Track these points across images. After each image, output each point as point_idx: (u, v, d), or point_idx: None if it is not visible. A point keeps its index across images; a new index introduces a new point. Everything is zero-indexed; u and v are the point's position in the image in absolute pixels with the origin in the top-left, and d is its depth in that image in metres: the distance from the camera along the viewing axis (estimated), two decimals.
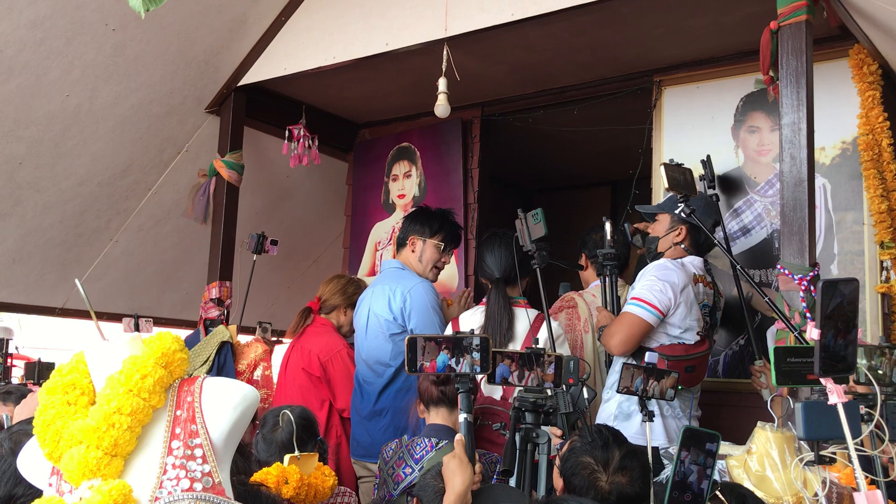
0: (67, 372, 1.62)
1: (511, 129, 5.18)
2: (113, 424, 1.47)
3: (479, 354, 2.07)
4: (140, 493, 1.46)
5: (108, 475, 1.46)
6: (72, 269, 4.99)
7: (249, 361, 4.28)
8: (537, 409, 2.41)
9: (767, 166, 4.02)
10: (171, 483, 1.48)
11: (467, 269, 5.06)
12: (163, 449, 1.51)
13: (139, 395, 1.51)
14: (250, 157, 5.00)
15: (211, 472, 1.51)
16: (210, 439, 1.53)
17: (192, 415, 1.55)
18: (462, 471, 1.98)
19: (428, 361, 2.09)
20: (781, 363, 2.04)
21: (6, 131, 4.13)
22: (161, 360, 1.57)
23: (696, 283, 3.36)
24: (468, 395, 2.17)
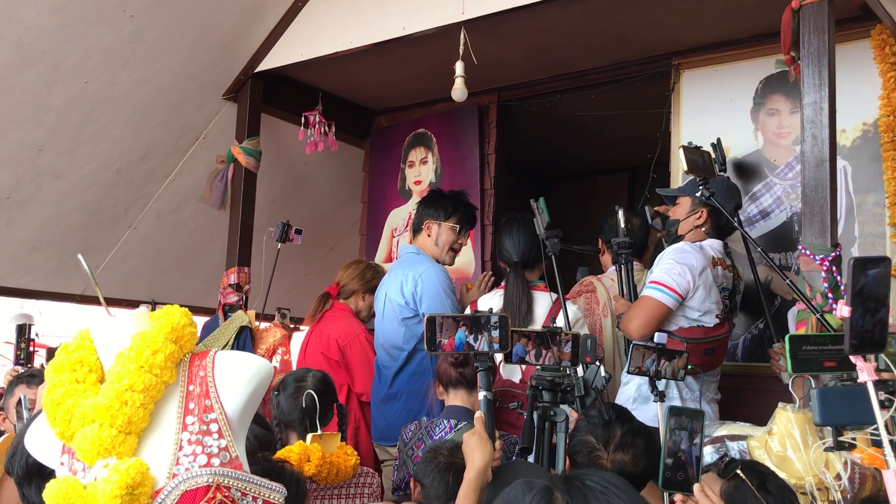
0: (74, 349, 1.58)
1: (528, 115, 5.16)
2: (126, 402, 1.45)
3: (497, 333, 2.07)
4: (157, 470, 1.44)
5: (122, 453, 1.44)
6: (91, 256, 5.02)
7: (268, 346, 4.30)
8: (554, 387, 2.41)
9: (787, 149, 3.99)
10: (189, 459, 1.45)
11: (484, 254, 5.06)
12: (177, 425, 1.49)
13: (151, 371, 1.48)
14: (267, 145, 5.01)
15: (227, 446, 1.48)
16: (225, 414, 1.51)
17: (205, 389, 1.52)
18: (482, 447, 1.98)
19: (446, 338, 2.09)
20: (797, 350, 2.03)
21: (27, 117, 4.16)
22: (171, 335, 1.54)
23: (714, 266, 3.35)
24: (487, 374, 2.17)
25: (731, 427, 2.86)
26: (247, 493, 1.46)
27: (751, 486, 1.90)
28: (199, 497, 1.40)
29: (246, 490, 1.46)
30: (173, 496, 1.40)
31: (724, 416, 3.30)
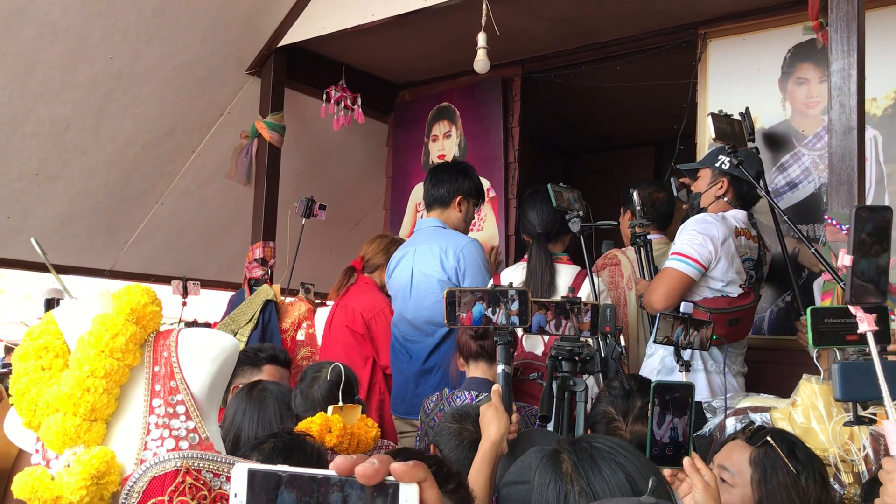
0: (38, 335, 1.53)
1: (552, 88, 5.11)
2: (88, 389, 1.40)
3: (516, 306, 2.06)
4: (124, 456, 1.41)
5: (89, 441, 1.40)
6: (119, 232, 5.08)
7: (293, 320, 4.33)
8: (574, 357, 2.41)
9: (816, 119, 3.92)
10: (156, 444, 1.42)
11: (508, 228, 5.04)
12: (144, 408, 1.45)
13: (112, 355, 1.43)
14: (291, 120, 5.02)
15: (196, 427, 1.45)
16: (191, 394, 1.47)
17: (170, 370, 1.48)
18: (498, 419, 1.99)
19: (464, 312, 2.09)
20: (819, 323, 1.99)
21: (53, 94, 4.19)
22: (131, 316, 1.48)
23: (737, 236, 3.31)
24: (506, 348, 2.17)
25: (755, 399, 2.84)
26: (220, 473, 1.42)
27: (781, 452, 1.89)
28: (168, 482, 1.38)
29: (218, 470, 1.42)
30: (141, 483, 1.37)
31: (750, 389, 3.28)
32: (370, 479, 0.68)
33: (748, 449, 1.97)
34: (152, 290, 1.56)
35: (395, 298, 3.78)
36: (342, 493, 0.69)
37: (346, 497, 0.69)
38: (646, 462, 1.30)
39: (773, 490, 1.85)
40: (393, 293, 3.81)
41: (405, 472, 0.69)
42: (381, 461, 0.69)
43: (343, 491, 0.69)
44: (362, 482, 0.68)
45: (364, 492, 0.68)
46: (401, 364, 3.74)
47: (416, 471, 0.69)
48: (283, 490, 0.69)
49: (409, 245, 3.75)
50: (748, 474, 1.92)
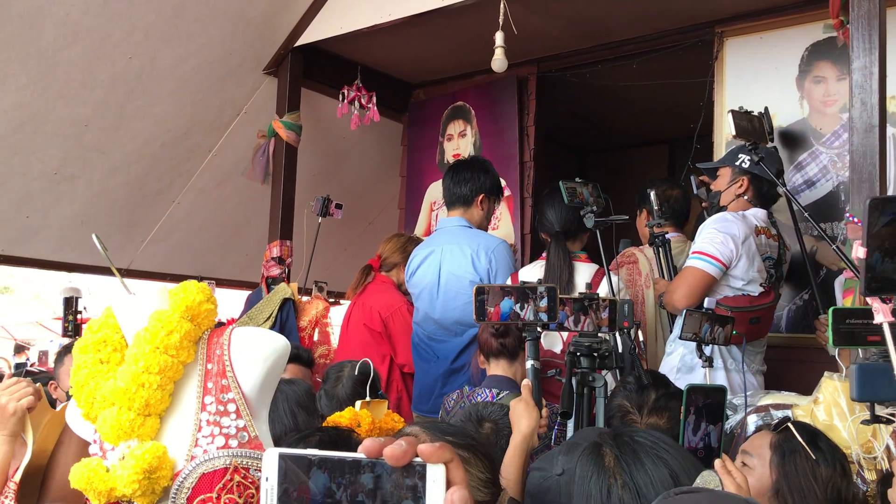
0: (98, 328, 1.57)
1: (567, 87, 5.12)
2: (143, 384, 1.43)
3: (545, 303, 2.07)
4: (177, 451, 1.43)
5: (143, 435, 1.43)
6: (137, 231, 5.11)
7: (311, 318, 4.36)
8: (592, 353, 2.42)
9: (833, 117, 3.92)
10: (207, 440, 1.43)
11: (523, 227, 5.05)
12: (196, 404, 1.47)
13: (166, 352, 1.46)
14: (307, 120, 5.04)
15: (246, 426, 1.46)
16: (242, 393, 1.48)
17: (222, 368, 1.49)
18: (528, 414, 2.00)
19: (492, 307, 2.10)
20: (839, 324, 2.00)
21: (73, 94, 4.23)
22: (186, 314, 1.51)
23: (758, 235, 3.31)
24: (535, 343, 2.18)
25: (776, 396, 2.84)
26: None
27: (800, 439, 1.90)
28: (217, 479, 1.40)
29: None
30: (191, 479, 1.40)
31: (769, 387, 3.28)
32: (398, 460, 0.70)
33: (769, 435, 1.99)
34: (208, 287, 1.58)
35: (420, 298, 3.74)
36: (373, 474, 0.71)
37: (377, 477, 0.71)
38: (688, 456, 1.31)
39: (790, 473, 1.87)
40: (416, 292, 3.78)
41: (432, 454, 0.70)
42: (408, 443, 0.70)
43: (374, 471, 0.71)
44: (391, 463, 0.70)
45: (394, 472, 0.71)
46: (426, 364, 3.72)
47: (442, 452, 0.71)
48: (316, 471, 0.71)
49: (434, 244, 3.71)
50: (767, 457, 1.94)
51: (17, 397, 1.86)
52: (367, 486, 0.71)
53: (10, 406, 1.84)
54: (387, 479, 0.71)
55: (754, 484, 1.90)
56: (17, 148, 4.27)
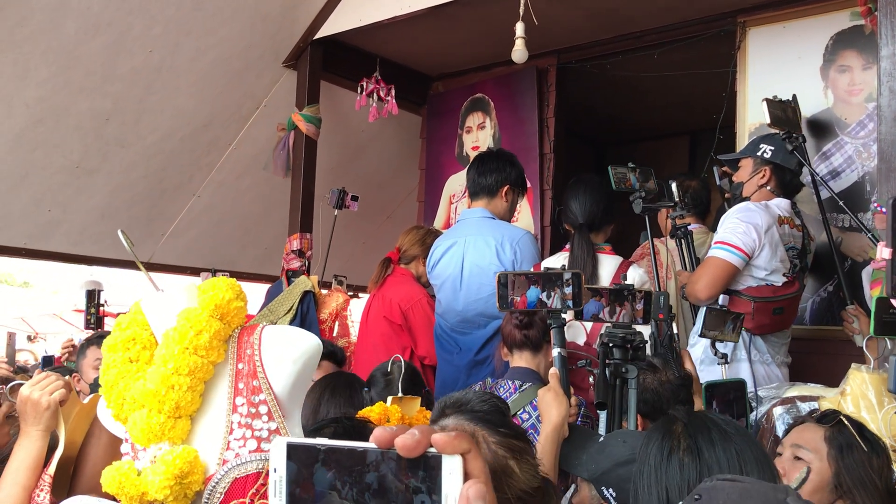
0: (127, 325, 1.54)
1: (587, 78, 5.09)
2: (172, 386, 1.40)
3: (570, 290, 2.05)
4: (207, 454, 1.41)
5: (174, 437, 1.41)
6: (157, 225, 5.13)
7: (331, 311, 4.36)
8: (625, 344, 2.40)
9: (859, 107, 3.87)
10: (238, 443, 1.41)
11: (543, 219, 5.03)
12: (227, 406, 1.44)
13: (196, 352, 1.42)
14: (326, 113, 5.03)
15: (278, 428, 1.43)
16: (274, 394, 1.44)
17: (253, 369, 1.45)
18: (558, 403, 1.97)
19: (518, 296, 2.09)
20: (882, 313, 1.98)
21: (94, 87, 4.24)
22: (216, 312, 1.46)
23: (781, 225, 3.28)
24: (561, 331, 2.16)
25: (802, 388, 2.82)
26: None
27: (853, 431, 1.90)
28: (250, 484, 1.38)
29: None
30: (223, 484, 1.38)
31: (793, 379, 3.26)
32: (411, 450, 0.64)
33: (820, 429, 1.98)
34: (237, 284, 1.54)
35: (442, 289, 3.70)
36: (377, 473, 0.66)
37: (381, 477, 0.66)
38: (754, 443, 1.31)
39: (849, 466, 1.87)
40: (438, 283, 3.75)
41: (447, 444, 0.65)
42: (421, 432, 0.65)
43: (379, 470, 0.66)
44: (403, 454, 0.65)
45: (400, 469, 0.65)
46: (449, 355, 3.70)
47: (458, 441, 0.65)
48: (319, 468, 0.67)
49: (457, 235, 3.67)
50: (824, 451, 1.94)
51: (50, 391, 1.86)
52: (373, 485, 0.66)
53: (44, 401, 1.84)
54: (393, 478, 0.66)
55: (813, 478, 1.90)
56: (38, 142, 4.29)
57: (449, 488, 0.65)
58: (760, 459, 1.33)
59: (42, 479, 1.81)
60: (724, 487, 1.05)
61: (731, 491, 1.04)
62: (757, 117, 4.15)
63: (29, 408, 1.85)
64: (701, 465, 1.29)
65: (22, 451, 1.83)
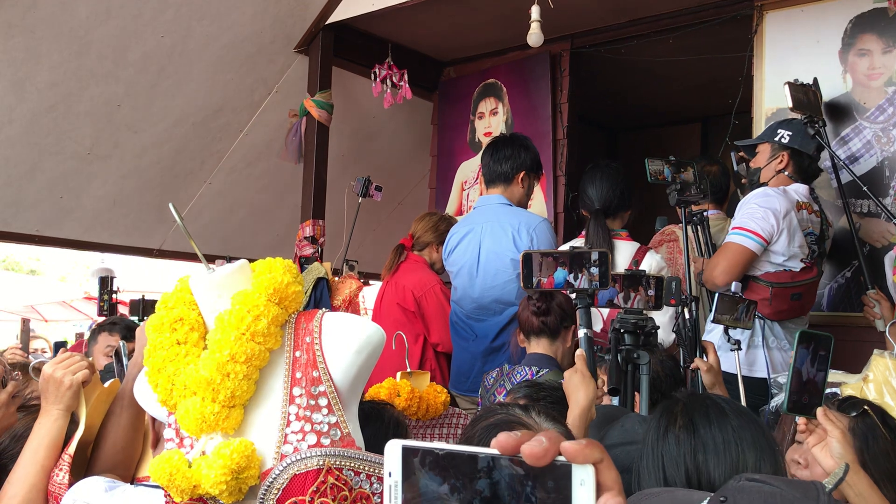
0: (174, 304, 1.46)
1: (600, 64, 5.04)
2: (228, 374, 1.33)
3: (597, 270, 2.03)
4: (263, 446, 1.34)
5: (227, 428, 1.34)
6: (168, 211, 5.09)
7: (345, 297, 4.34)
8: (637, 330, 2.38)
9: (878, 91, 3.82)
10: (297, 437, 1.33)
11: (556, 206, 5.00)
12: (284, 396, 1.36)
13: (253, 339, 1.35)
14: (337, 99, 5.00)
15: (338, 422, 1.36)
16: (334, 385, 1.37)
17: (312, 357, 1.38)
18: (585, 385, 1.92)
19: (545, 277, 2.06)
20: None
21: (106, 72, 4.22)
22: (273, 297, 1.39)
23: (799, 210, 3.25)
24: (587, 311, 2.13)
25: None
26: (360, 472, 1.33)
27: (877, 420, 1.87)
28: (310, 481, 1.30)
29: (359, 468, 1.33)
30: (282, 479, 1.31)
31: None
32: (539, 459, 0.60)
33: (844, 418, 1.95)
34: (294, 266, 1.47)
35: (458, 276, 3.68)
36: (489, 479, 0.62)
37: (494, 484, 0.62)
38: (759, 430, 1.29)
39: (874, 456, 1.84)
40: (454, 270, 3.73)
41: (578, 452, 0.61)
42: (549, 439, 0.61)
43: (491, 477, 0.62)
44: (530, 462, 0.61)
45: (514, 477, 0.62)
46: (465, 342, 3.68)
47: (591, 450, 0.61)
48: (426, 472, 0.63)
49: (473, 222, 3.64)
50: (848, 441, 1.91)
51: (73, 371, 1.84)
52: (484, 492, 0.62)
53: (66, 380, 1.82)
54: (506, 486, 0.62)
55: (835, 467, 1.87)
56: (50, 128, 4.27)
57: (580, 500, 0.61)
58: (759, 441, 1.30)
59: (62, 459, 1.80)
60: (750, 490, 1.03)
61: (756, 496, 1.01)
62: (774, 102, 4.11)
63: (51, 386, 1.83)
64: (696, 440, 1.28)
65: (42, 430, 1.82)
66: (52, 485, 1.77)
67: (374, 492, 1.36)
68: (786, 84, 3.14)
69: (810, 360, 1.77)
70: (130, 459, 1.95)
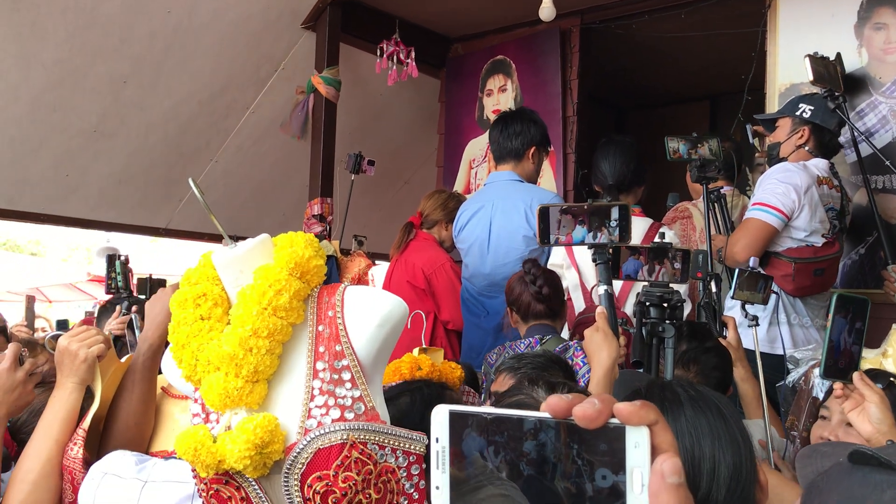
0: (197, 279, 1.44)
1: (610, 42, 4.99)
2: (251, 349, 1.32)
3: (616, 225, 1.99)
4: (288, 421, 1.33)
5: (251, 403, 1.33)
6: (175, 190, 5.08)
7: (353, 275, 4.31)
8: (662, 303, 2.35)
9: (894, 65, 3.78)
10: (320, 411, 1.32)
11: (566, 183, 4.96)
12: (307, 370, 1.35)
13: (275, 313, 1.34)
14: (344, 76, 4.95)
15: (362, 396, 1.34)
16: (358, 359, 1.35)
17: (335, 331, 1.36)
18: (608, 344, 1.86)
19: (564, 235, 2.02)
20: None
21: (112, 49, 4.17)
22: (295, 271, 1.38)
23: (820, 185, 3.22)
24: (606, 266, 2.09)
25: None
26: (384, 446, 1.33)
27: None
28: (334, 456, 1.29)
29: (384, 442, 1.33)
30: (306, 454, 1.30)
31: None
32: (592, 421, 0.59)
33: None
34: (315, 239, 1.45)
35: (469, 253, 3.65)
36: (535, 441, 0.61)
37: (541, 445, 0.61)
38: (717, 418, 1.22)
39: None
40: (465, 247, 3.70)
41: (633, 414, 0.59)
42: (602, 401, 0.60)
43: (537, 438, 0.61)
44: (583, 425, 0.59)
45: (560, 439, 0.60)
46: (477, 318, 3.66)
47: (646, 412, 0.59)
48: (470, 434, 0.62)
49: (484, 199, 3.61)
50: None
51: (88, 344, 1.82)
52: (531, 454, 0.61)
53: (81, 353, 1.80)
54: (552, 449, 0.61)
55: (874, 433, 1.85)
56: (56, 104, 4.23)
57: (635, 462, 0.59)
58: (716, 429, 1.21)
59: (76, 434, 1.78)
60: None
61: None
62: (787, 77, 4.07)
63: (66, 359, 1.81)
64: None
65: (56, 403, 1.80)
66: (67, 459, 1.75)
67: (400, 465, 1.35)
68: (806, 57, 3.10)
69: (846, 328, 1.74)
70: (143, 434, 1.94)
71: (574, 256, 3.27)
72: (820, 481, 1.08)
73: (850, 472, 1.03)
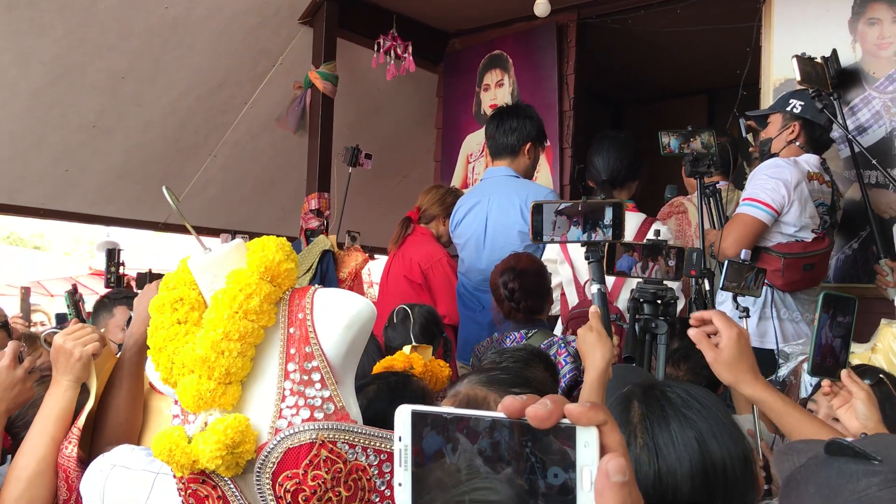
0: (174, 284, 1.48)
1: (606, 36, 5.00)
2: (222, 352, 1.35)
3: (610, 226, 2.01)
4: (259, 421, 1.36)
5: (224, 404, 1.37)
6: (173, 185, 5.01)
7: (350, 270, 4.34)
8: (656, 300, 2.38)
9: (888, 60, 3.79)
10: (291, 412, 1.36)
11: (562, 178, 4.98)
12: (279, 371, 1.38)
13: (246, 317, 1.37)
14: (341, 71, 4.97)
15: (332, 396, 1.37)
16: (327, 360, 1.39)
17: (305, 333, 1.40)
18: (602, 344, 1.82)
19: (559, 236, 2.04)
20: None
21: (110, 45, 4.19)
22: (266, 275, 1.41)
23: (810, 181, 3.24)
24: (600, 265, 2.10)
25: None
26: (355, 444, 1.36)
27: (892, 389, 1.87)
28: (303, 455, 1.33)
29: (354, 441, 1.36)
30: (276, 454, 1.34)
31: None
32: (543, 421, 0.62)
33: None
34: (287, 243, 1.48)
35: (465, 248, 3.69)
36: (490, 439, 0.64)
37: (495, 443, 0.64)
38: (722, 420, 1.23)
39: (891, 424, 1.83)
40: (461, 242, 3.74)
41: (582, 415, 0.62)
42: (554, 402, 0.62)
43: (492, 437, 0.64)
44: (534, 425, 0.62)
45: (513, 439, 0.63)
46: (472, 313, 3.69)
47: (594, 413, 0.62)
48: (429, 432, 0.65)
49: (480, 194, 3.64)
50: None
51: (83, 342, 1.83)
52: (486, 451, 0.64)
53: (76, 351, 1.82)
54: (506, 447, 0.63)
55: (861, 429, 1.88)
56: (54, 101, 4.25)
57: (585, 461, 0.62)
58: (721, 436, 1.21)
59: (70, 432, 1.80)
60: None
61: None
62: (782, 72, 4.08)
63: (61, 357, 1.83)
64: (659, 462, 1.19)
65: (51, 401, 1.82)
66: (62, 457, 1.77)
67: (371, 463, 1.39)
68: (794, 57, 3.12)
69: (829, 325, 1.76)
70: (133, 429, 1.95)
71: (567, 252, 3.30)
72: (797, 474, 1.10)
73: (826, 463, 1.06)
